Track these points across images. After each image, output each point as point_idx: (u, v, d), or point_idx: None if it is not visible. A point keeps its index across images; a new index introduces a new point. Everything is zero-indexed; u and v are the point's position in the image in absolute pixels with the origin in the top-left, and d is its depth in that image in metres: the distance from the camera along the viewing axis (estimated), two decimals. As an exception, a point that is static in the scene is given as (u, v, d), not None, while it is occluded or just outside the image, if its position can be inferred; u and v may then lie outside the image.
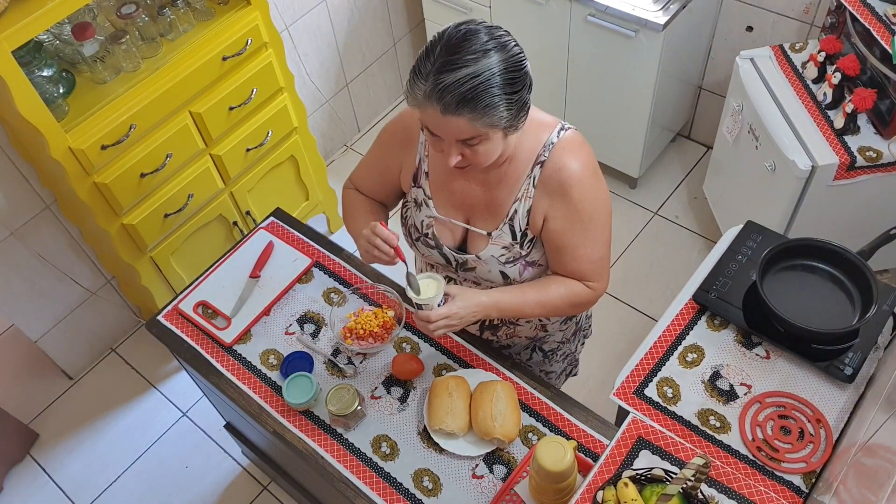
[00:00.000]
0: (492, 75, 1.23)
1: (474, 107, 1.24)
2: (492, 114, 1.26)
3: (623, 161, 3.06)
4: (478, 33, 1.25)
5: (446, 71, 1.22)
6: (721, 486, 1.43)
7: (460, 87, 1.22)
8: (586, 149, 1.45)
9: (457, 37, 1.25)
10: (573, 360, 1.92)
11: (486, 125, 1.27)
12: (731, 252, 1.79)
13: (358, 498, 1.50)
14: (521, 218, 1.45)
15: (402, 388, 1.65)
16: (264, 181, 2.64)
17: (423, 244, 1.58)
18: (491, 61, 1.23)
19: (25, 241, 2.41)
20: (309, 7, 2.90)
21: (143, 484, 2.57)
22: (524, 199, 1.44)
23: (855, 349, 1.57)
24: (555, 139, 1.42)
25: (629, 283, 2.90)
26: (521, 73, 1.28)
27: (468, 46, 1.23)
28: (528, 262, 1.51)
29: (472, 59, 1.22)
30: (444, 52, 1.23)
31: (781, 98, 2.36)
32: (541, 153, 1.42)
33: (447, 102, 1.23)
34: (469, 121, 1.25)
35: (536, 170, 1.42)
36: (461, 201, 1.50)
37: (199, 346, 1.77)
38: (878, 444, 1.14)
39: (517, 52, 1.28)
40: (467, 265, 1.54)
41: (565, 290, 1.50)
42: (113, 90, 2.11)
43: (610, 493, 1.37)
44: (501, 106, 1.26)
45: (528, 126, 1.40)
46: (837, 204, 2.30)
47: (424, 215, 1.55)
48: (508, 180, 1.44)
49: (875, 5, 2.11)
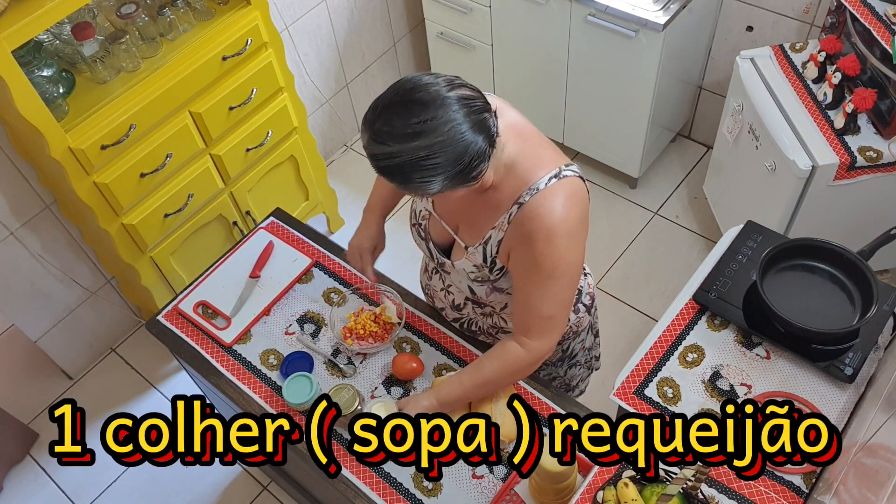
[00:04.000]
0: (413, 160, 1.16)
1: (396, 181, 1.22)
2: (415, 189, 1.22)
3: (623, 161, 3.06)
4: (419, 106, 1.16)
5: (373, 141, 1.19)
6: (721, 486, 1.43)
7: (382, 162, 1.19)
8: (573, 202, 1.34)
9: (399, 103, 1.18)
10: (563, 384, 1.88)
11: (415, 193, 1.25)
12: (731, 252, 1.79)
13: (358, 498, 1.50)
14: (492, 246, 1.43)
15: (402, 388, 1.65)
16: (264, 181, 2.64)
17: (416, 232, 1.61)
18: (417, 144, 1.15)
19: (25, 241, 2.41)
20: (309, 7, 2.90)
21: (143, 484, 2.57)
22: (499, 230, 1.40)
23: (855, 349, 1.57)
24: (542, 185, 1.33)
25: (629, 283, 2.90)
26: (456, 151, 1.18)
27: (402, 120, 1.16)
28: (496, 287, 1.51)
29: (399, 136, 1.16)
30: (381, 117, 1.18)
31: (782, 98, 2.35)
32: (523, 194, 1.34)
33: (374, 167, 1.22)
34: (397, 186, 1.23)
35: (514, 208, 1.35)
36: (454, 209, 1.50)
37: (199, 347, 1.77)
38: (879, 445, 1.14)
39: (461, 130, 1.17)
40: (444, 267, 1.57)
41: (498, 365, 1.45)
42: (113, 90, 2.11)
43: (610, 493, 1.37)
44: (427, 184, 1.20)
45: (522, 160, 1.34)
46: (837, 204, 2.30)
47: (423, 206, 1.57)
48: (491, 206, 1.40)
49: (875, 5, 2.11)
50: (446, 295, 1.67)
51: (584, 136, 3.11)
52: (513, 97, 1.59)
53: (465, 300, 1.64)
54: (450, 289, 1.65)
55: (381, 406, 1.54)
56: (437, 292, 1.71)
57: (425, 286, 1.78)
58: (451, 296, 1.66)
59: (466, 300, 1.63)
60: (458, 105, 1.18)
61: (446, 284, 1.65)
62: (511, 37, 2.96)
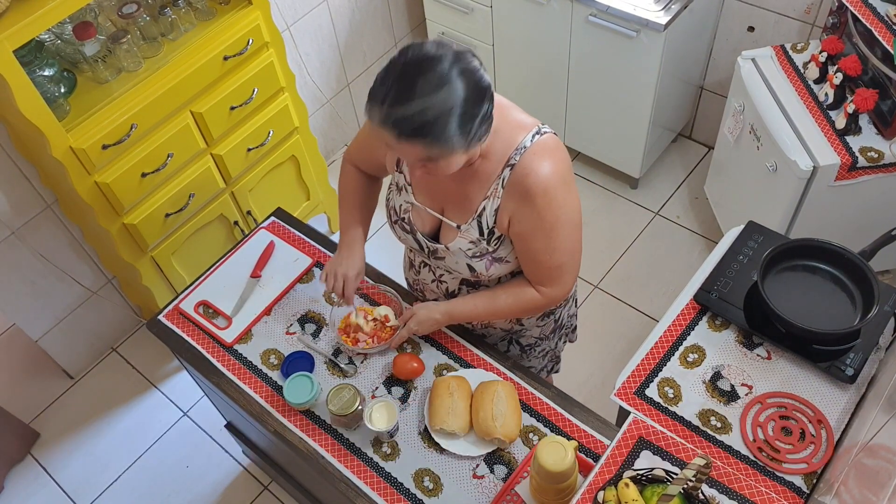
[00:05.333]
0: (445, 108, 1.22)
1: (426, 138, 1.24)
2: (445, 143, 1.26)
3: (624, 161, 3.06)
4: (435, 61, 1.22)
5: (398, 102, 1.22)
6: (722, 486, 1.43)
7: (412, 120, 1.22)
8: (559, 154, 1.42)
9: (413, 64, 1.22)
10: (554, 356, 1.92)
11: (441, 151, 1.27)
12: (732, 252, 1.79)
13: (358, 498, 1.50)
14: (488, 216, 1.46)
15: (402, 387, 1.65)
16: (265, 181, 2.64)
17: (399, 228, 1.61)
18: (446, 94, 1.21)
19: (26, 241, 2.41)
20: (310, 7, 2.90)
21: (143, 483, 2.57)
22: (493, 197, 1.44)
23: (856, 350, 1.57)
24: (528, 143, 1.40)
25: (630, 284, 2.90)
26: (478, 103, 1.26)
27: (424, 76, 1.21)
28: (495, 258, 1.52)
29: (426, 90, 1.21)
30: (398, 81, 1.22)
31: (783, 98, 2.35)
32: (512, 156, 1.40)
33: (400, 132, 1.24)
34: (424, 147, 1.26)
35: (506, 171, 1.41)
36: (437, 191, 1.52)
37: (200, 346, 1.77)
38: (879, 445, 1.14)
39: (477, 78, 1.25)
40: (438, 254, 1.57)
41: (513, 300, 1.55)
42: (114, 90, 2.11)
43: (611, 494, 1.37)
44: (456, 136, 1.25)
45: (504, 126, 1.40)
46: (839, 204, 2.30)
47: (403, 200, 1.57)
48: (480, 177, 1.44)
49: (877, 6, 2.11)
50: (438, 285, 1.68)
51: (586, 136, 3.11)
52: (514, 97, 1.59)
53: (459, 285, 1.65)
54: (442, 278, 1.65)
55: (382, 406, 1.54)
56: (427, 285, 1.71)
57: (413, 282, 1.79)
58: (444, 284, 1.67)
59: (461, 284, 1.64)
60: (455, 59, 1.23)
61: (438, 274, 1.66)
62: (512, 37, 2.96)
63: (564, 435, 1.55)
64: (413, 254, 1.70)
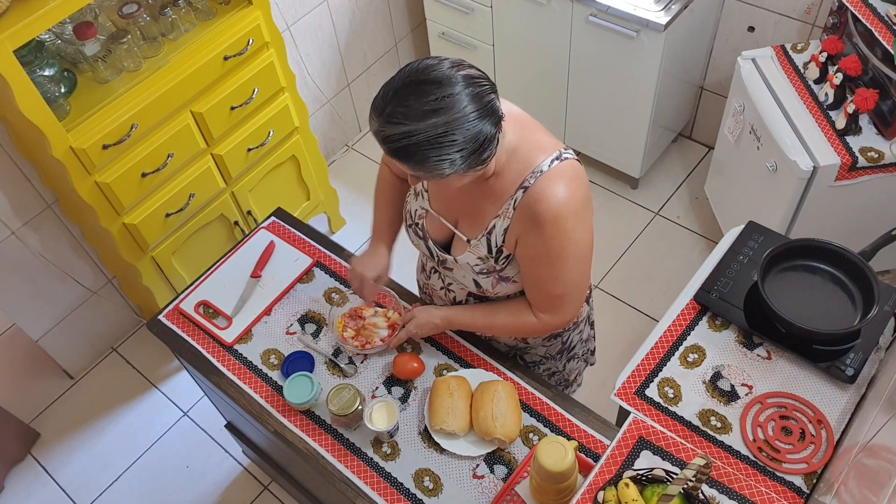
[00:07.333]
0: (430, 135, 1.18)
1: (408, 162, 1.23)
2: (431, 170, 1.23)
3: (624, 161, 3.06)
4: (435, 85, 1.19)
5: (389, 122, 1.19)
6: (722, 486, 1.43)
7: (398, 143, 1.20)
8: (576, 183, 1.37)
9: (414, 83, 1.20)
10: (562, 379, 1.86)
11: (424, 175, 1.26)
12: (732, 252, 1.79)
13: (358, 498, 1.51)
14: (498, 234, 1.43)
15: (402, 387, 1.65)
16: (265, 181, 2.64)
17: (413, 232, 1.61)
18: (435, 121, 1.17)
19: (27, 241, 2.41)
20: (310, 7, 2.90)
21: (143, 483, 2.57)
22: (504, 217, 1.41)
23: (856, 350, 1.57)
24: (545, 167, 1.35)
25: (630, 284, 2.90)
26: (475, 132, 1.21)
27: (419, 98, 1.18)
28: (502, 276, 1.50)
29: (416, 114, 1.18)
30: (393, 100, 1.20)
31: (783, 98, 2.35)
32: (527, 178, 1.36)
33: (388, 148, 1.22)
34: (408, 168, 1.25)
35: (519, 193, 1.37)
36: (453, 203, 1.50)
37: (200, 346, 1.77)
38: (880, 445, 1.14)
39: (480, 107, 1.20)
40: (446, 264, 1.56)
41: (511, 320, 1.54)
42: (114, 90, 2.11)
43: (611, 494, 1.37)
44: (444, 164, 1.22)
45: (523, 146, 1.37)
46: (839, 204, 2.30)
47: (419, 205, 1.57)
48: (493, 195, 1.41)
49: (877, 6, 2.11)
50: (447, 293, 1.67)
51: (586, 136, 3.11)
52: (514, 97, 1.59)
53: (466, 296, 1.64)
54: (450, 287, 1.65)
55: (382, 406, 1.54)
56: (436, 291, 1.71)
57: (423, 285, 1.78)
58: (451, 293, 1.66)
59: (468, 296, 1.63)
60: (466, 83, 1.20)
61: (446, 283, 1.65)
62: (512, 37, 2.96)
63: (564, 435, 1.55)
64: (425, 259, 1.69)
